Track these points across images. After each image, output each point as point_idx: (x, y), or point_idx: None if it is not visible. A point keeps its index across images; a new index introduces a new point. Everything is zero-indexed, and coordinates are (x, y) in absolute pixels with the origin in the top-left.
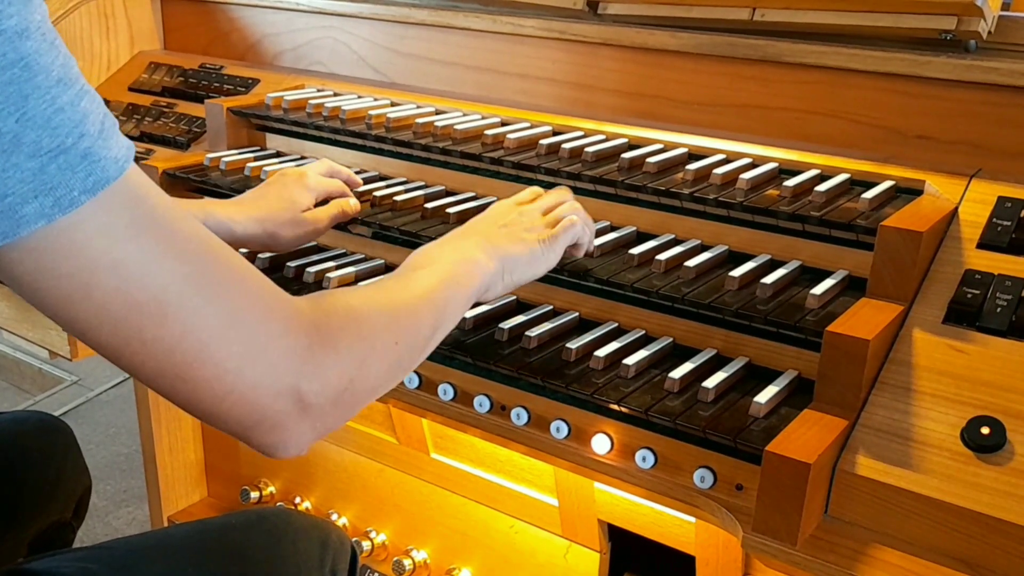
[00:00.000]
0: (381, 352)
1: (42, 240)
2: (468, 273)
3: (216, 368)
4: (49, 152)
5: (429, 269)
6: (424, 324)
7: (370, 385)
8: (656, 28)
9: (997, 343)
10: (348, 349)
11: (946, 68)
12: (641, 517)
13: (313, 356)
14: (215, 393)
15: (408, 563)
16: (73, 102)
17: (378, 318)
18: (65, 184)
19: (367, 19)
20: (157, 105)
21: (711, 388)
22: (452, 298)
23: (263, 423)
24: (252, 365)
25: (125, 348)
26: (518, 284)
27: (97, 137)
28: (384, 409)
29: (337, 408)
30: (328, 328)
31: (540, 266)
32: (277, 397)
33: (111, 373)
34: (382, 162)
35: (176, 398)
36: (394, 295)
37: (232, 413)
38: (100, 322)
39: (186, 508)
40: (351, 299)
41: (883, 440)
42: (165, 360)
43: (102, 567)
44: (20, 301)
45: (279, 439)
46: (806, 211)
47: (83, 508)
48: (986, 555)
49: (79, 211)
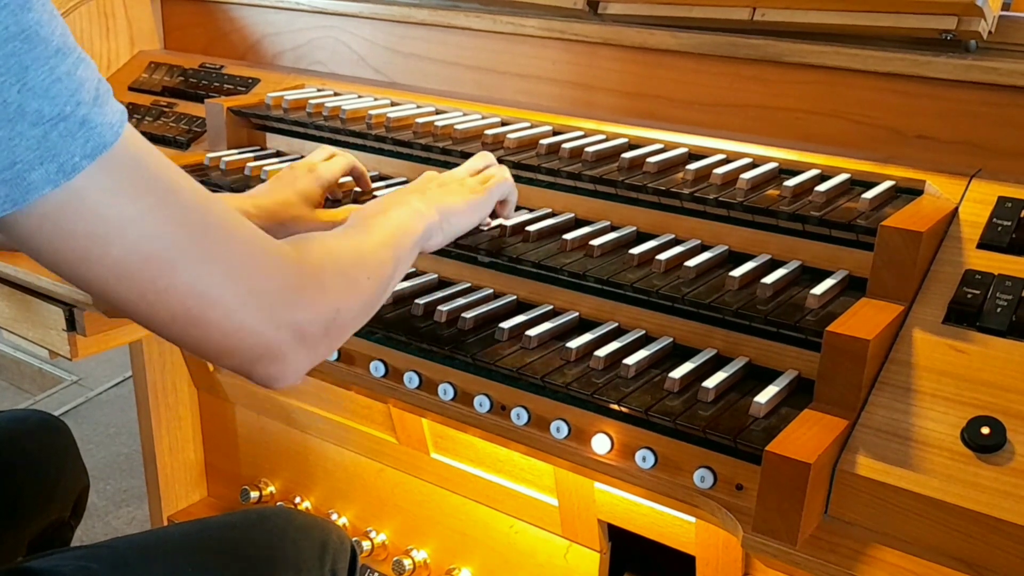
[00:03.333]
0: (357, 286)
1: (56, 205)
2: (414, 221)
3: (224, 308)
4: (51, 120)
5: (382, 217)
6: (387, 263)
7: (352, 315)
8: (656, 28)
9: (997, 343)
10: (332, 283)
11: (946, 68)
12: (641, 517)
13: (305, 290)
14: (224, 332)
15: (408, 563)
16: (70, 71)
17: (352, 256)
18: (67, 150)
19: (367, 19)
20: (157, 105)
21: (711, 388)
22: (403, 243)
23: (266, 355)
24: (255, 303)
25: (141, 300)
26: (456, 234)
27: (93, 104)
28: (384, 409)
29: (327, 336)
30: (313, 266)
31: (475, 215)
32: (278, 329)
33: (111, 373)
34: (382, 162)
35: (186, 341)
36: (359, 239)
37: (239, 349)
38: (118, 277)
39: (186, 508)
40: (327, 242)
41: (883, 440)
42: (179, 306)
43: (102, 566)
44: (20, 301)
45: (280, 369)
46: (806, 211)
47: (81, 507)
48: (986, 555)
49: (82, 175)
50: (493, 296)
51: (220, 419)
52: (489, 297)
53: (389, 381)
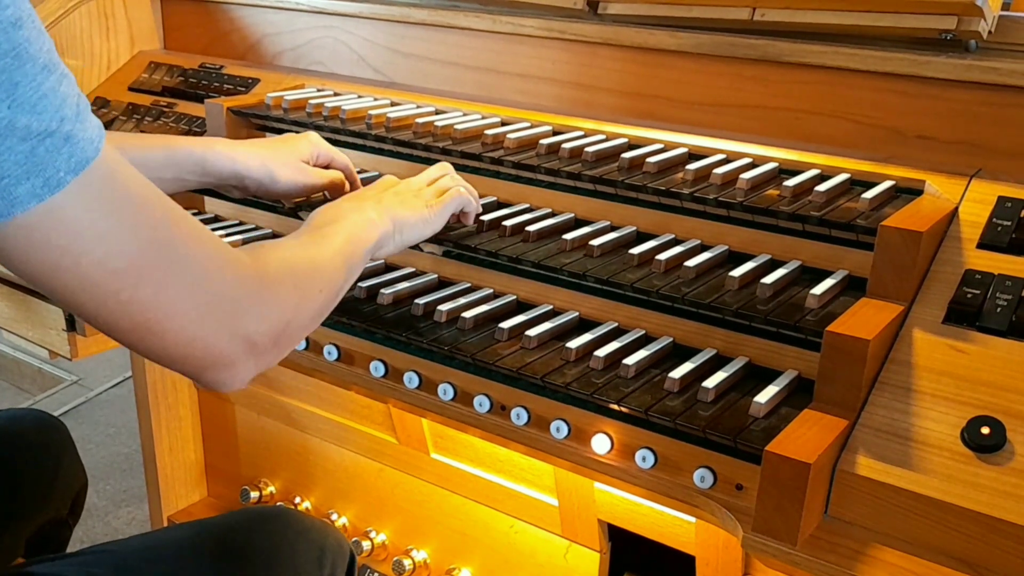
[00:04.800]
0: (310, 299)
1: (35, 217)
2: (367, 230)
3: (183, 319)
4: (38, 135)
5: (335, 226)
6: (339, 275)
7: (302, 326)
8: (656, 28)
9: (997, 343)
10: (286, 296)
11: (946, 68)
12: (641, 517)
13: (260, 302)
14: (179, 341)
15: (408, 563)
16: (55, 88)
17: (307, 269)
18: (52, 165)
19: (367, 19)
20: (157, 105)
21: (711, 388)
22: (356, 252)
23: (218, 363)
24: (212, 315)
25: (102, 308)
26: (407, 244)
27: (75, 120)
28: (384, 409)
29: (276, 347)
30: (269, 279)
31: (427, 228)
32: (231, 340)
33: (111, 373)
34: (382, 162)
35: (140, 347)
36: (314, 251)
37: (192, 357)
38: (83, 287)
39: (186, 508)
40: (283, 253)
41: (883, 440)
42: (139, 316)
43: (105, 570)
44: (20, 301)
45: (228, 376)
46: (806, 211)
47: (79, 506)
48: (986, 555)
49: (66, 190)
50: (493, 296)
51: (220, 419)
52: (489, 297)
53: (389, 381)
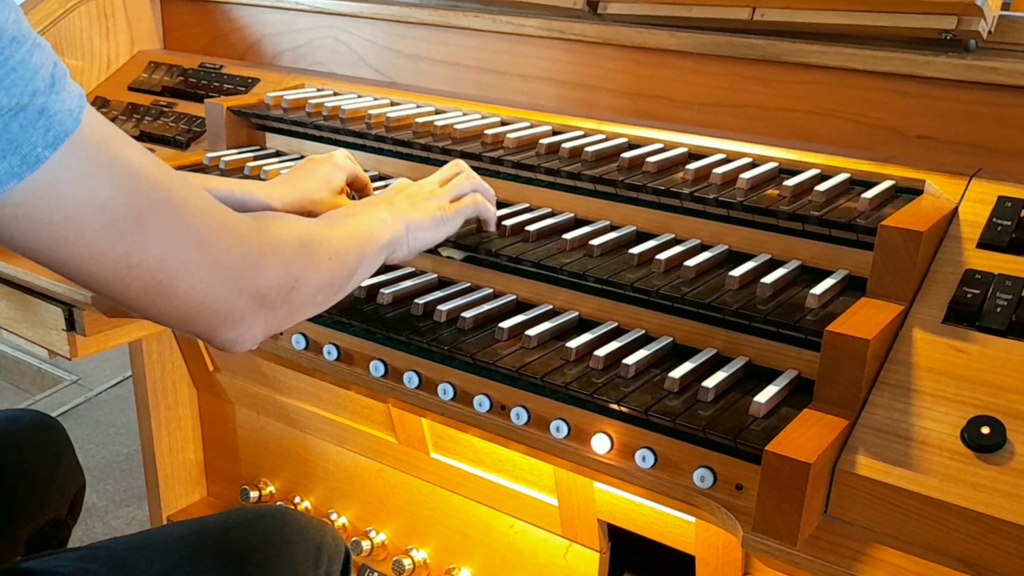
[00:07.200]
0: (317, 262)
1: (28, 196)
2: (380, 230)
3: (192, 278)
4: (10, 111)
5: (350, 220)
6: (351, 255)
7: (311, 290)
8: (656, 28)
9: (997, 343)
10: (292, 254)
11: (946, 68)
12: (641, 517)
13: (265, 257)
14: (191, 301)
15: (408, 563)
16: (24, 60)
17: (314, 236)
18: (28, 141)
19: (367, 19)
20: (157, 105)
21: (711, 388)
22: (370, 244)
23: (228, 319)
24: (221, 271)
25: (113, 276)
26: (420, 248)
27: (49, 92)
28: (384, 409)
29: (286, 303)
30: (275, 237)
31: (440, 232)
32: (240, 294)
33: (110, 373)
34: (382, 162)
35: (153, 311)
36: (325, 226)
37: (204, 315)
38: (91, 257)
39: (186, 508)
40: (292, 222)
41: (883, 440)
42: (150, 280)
43: (101, 566)
44: (20, 300)
45: (239, 332)
46: (806, 211)
47: (78, 506)
48: (986, 555)
49: (48, 164)
50: (493, 296)
51: (220, 419)
52: (489, 297)
53: (389, 381)
